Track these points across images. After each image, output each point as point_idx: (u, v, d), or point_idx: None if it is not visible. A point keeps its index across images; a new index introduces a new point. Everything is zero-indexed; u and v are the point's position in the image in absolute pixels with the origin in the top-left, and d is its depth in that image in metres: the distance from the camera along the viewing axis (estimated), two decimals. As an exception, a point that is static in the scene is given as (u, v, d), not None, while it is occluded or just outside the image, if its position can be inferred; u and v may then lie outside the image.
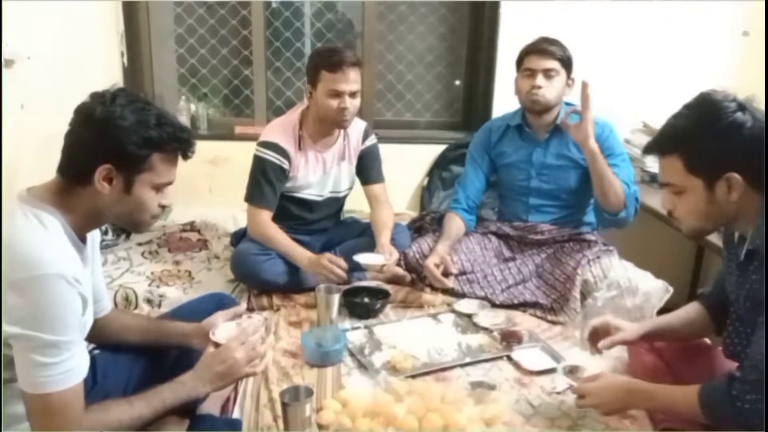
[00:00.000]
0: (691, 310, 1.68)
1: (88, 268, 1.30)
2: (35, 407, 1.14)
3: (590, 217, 2.41)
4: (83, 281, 1.18)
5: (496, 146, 2.43)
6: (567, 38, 2.30)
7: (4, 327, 1.11)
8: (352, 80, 2.16)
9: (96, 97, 1.23)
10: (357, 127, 2.41)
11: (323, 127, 2.28)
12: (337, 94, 2.16)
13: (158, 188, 1.27)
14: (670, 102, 1.43)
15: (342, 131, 2.35)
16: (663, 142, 1.35)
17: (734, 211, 1.31)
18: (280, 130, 2.28)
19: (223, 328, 1.56)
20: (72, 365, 1.14)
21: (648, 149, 1.39)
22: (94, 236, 1.41)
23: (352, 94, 2.18)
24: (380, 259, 2.18)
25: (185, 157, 1.30)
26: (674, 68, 3.06)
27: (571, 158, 2.31)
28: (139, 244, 2.66)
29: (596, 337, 1.67)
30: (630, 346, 1.78)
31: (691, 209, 1.34)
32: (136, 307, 2.21)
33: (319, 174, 2.35)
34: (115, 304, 2.20)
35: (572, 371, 1.69)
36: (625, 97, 2.99)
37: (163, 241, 2.71)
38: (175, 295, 2.24)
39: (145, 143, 1.21)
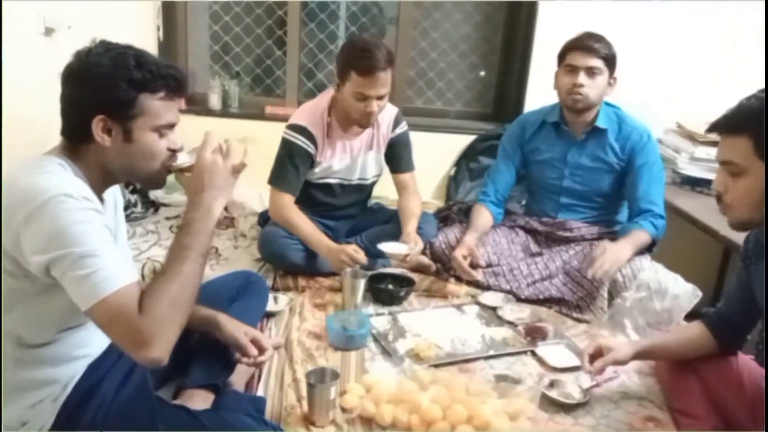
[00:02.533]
0: (691, 329, 1.65)
1: (112, 237, 1.28)
2: (99, 320, 1.10)
3: (622, 216, 2.38)
4: (98, 208, 1.16)
5: (530, 141, 2.40)
6: (605, 33, 2.26)
7: (38, 258, 1.09)
8: (381, 84, 2.09)
9: (75, 54, 1.21)
10: (387, 114, 2.37)
11: (350, 120, 2.25)
12: (365, 98, 2.11)
13: (160, 131, 1.22)
14: (705, 104, 1.40)
15: None
16: (736, 120, 1.31)
17: None
18: (309, 115, 2.26)
19: (185, 155, 1.32)
20: (113, 269, 1.09)
21: (716, 126, 1.34)
22: (117, 202, 1.40)
23: (380, 97, 2.13)
24: (404, 248, 2.17)
25: (177, 94, 1.24)
26: (711, 70, 3.00)
27: (606, 161, 2.28)
28: (167, 218, 2.69)
29: (592, 360, 1.65)
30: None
31: (745, 193, 1.30)
32: (163, 281, 2.22)
33: (347, 161, 2.33)
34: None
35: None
36: (661, 96, 2.94)
37: (190, 216, 2.72)
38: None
39: (129, 85, 1.17)
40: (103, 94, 1.17)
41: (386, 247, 2.16)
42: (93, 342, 1.33)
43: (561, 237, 2.35)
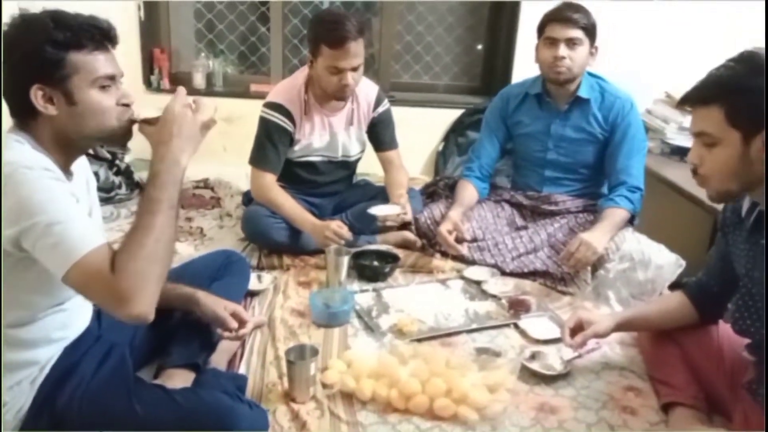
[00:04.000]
0: (671, 300, 1.66)
1: (79, 205, 1.24)
2: (76, 284, 1.10)
3: (606, 189, 2.38)
4: (60, 177, 1.16)
5: (513, 114, 2.38)
6: (592, 2, 2.23)
7: (7, 232, 1.08)
8: (353, 55, 2.06)
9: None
10: (368, 91, 2.35)
11: (326, 95, 2.22)
12: (338, 71, 2.08)
13: (101, 85, 1.19)
14: (695, 73, 1.38)
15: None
16: (706, 91, 1.29)
17: (760, 174, 1.27)
18: (285, 92, 2.24)
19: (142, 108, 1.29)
20: (81, 231, 1.09)
21: (686, 99, 1.33)
22: (90, 181, 1.39)
23: (354, 68, 2.10)
24: (396, 208, 2.16)
25: (105, 45, 1.20)
26: (700, 40, 2.96)
27: (590, 132, 2.26)
28: (153, 200, 2.67)
29: (573, 334, 1.65)
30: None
31: (721, 164, 1.29)
32: (147, 262, 2.22)
33: (326, 138, 2.31)
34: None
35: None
36: (649, 66, 2.91)
37: (176, 197, 2.71)
38: (187, 251, 2.26)
39: (54, 47, 1.15)
40: (30, 63, 1.15)
41: (378, 210, 2.16)
42: (72, 324, 1.34)
43: (546, 211, 2.35)
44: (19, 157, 1.12)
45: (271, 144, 2.21)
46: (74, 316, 1.34)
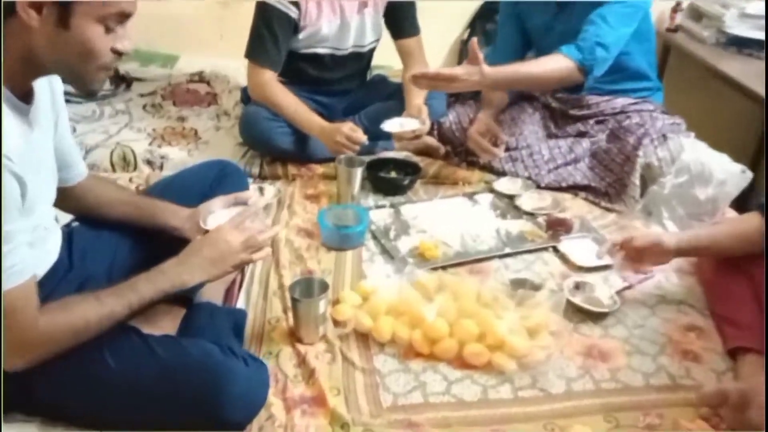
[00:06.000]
0: (745, 222, 1.41)
1: (38, 132, 1.02)
2: None
3: (653, 94, 2.03)
4: (21, 155, 0.91)
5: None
6: None
7: None
8: None
9: None
10: None
11: None
12: None
13: (107, 23, 0.93)
14: None
15: None
16: None
17: None
18: None
19: (218, 215, 1.30)
20: (15, 260, 0.90)
21: None
22: (56, 88, 1.12)
23: None
24: (413, 123, 1.86)
25: None
26: None
27: None
28: (141, 96, 2.37)
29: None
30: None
31: None
32: (135, 168, 1.97)
33: (336, 25, 1.96)
34: (111, 165, 1.96)
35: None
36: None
37: (168, 92, 2.41)
38: (179, 156, 1.99)
39: None
40: None
41: (391, 125, 1.86)
42: (41, 264, 1.11)
43: (581, 115, 2.02)
44: None
45: (270, 34, 1.87)
46: (43, 253, 1.13)
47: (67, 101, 1.20)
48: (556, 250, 1.65)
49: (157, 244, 1.31)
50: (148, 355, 1.03)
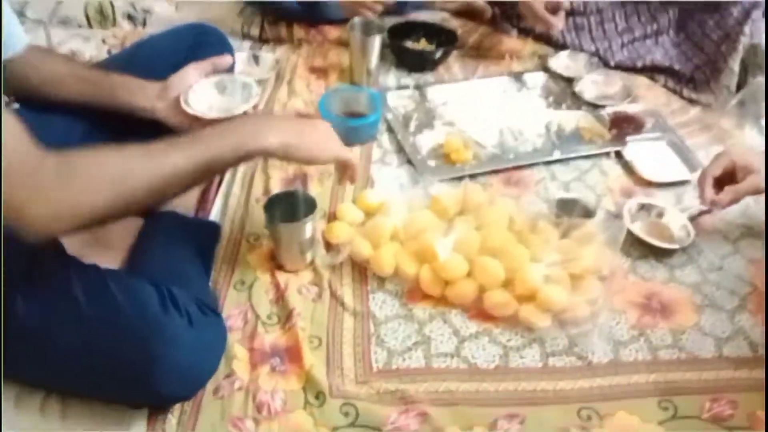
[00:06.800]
0: None
1: None
2: None
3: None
4: None
5: None
6: None
7: None
8: None
9: None
10: None
11: None
12: None
13: None
14: None
15: None
16: None
17: None
18: None
19: (201, 91, 1.04)
20: None
21: None
22: None
23: None
24: None
25: None
26: None
27: None
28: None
29: (719, 187, 1.06)
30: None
31: None
32: (114, 24, 1.65)
33: None
34: (87, 20, 1.64)
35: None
36: None
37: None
38: (165, 11, 1.65)
39: None
40: None
41: None
42: None
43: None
44: None
45: None
46: None
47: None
48: (619, 156, 1.30)
49: (120, 130, 1.02)
50: (67, 302, 0.79)
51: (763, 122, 1.36)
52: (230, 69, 1.19)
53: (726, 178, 1.07)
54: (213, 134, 0.83)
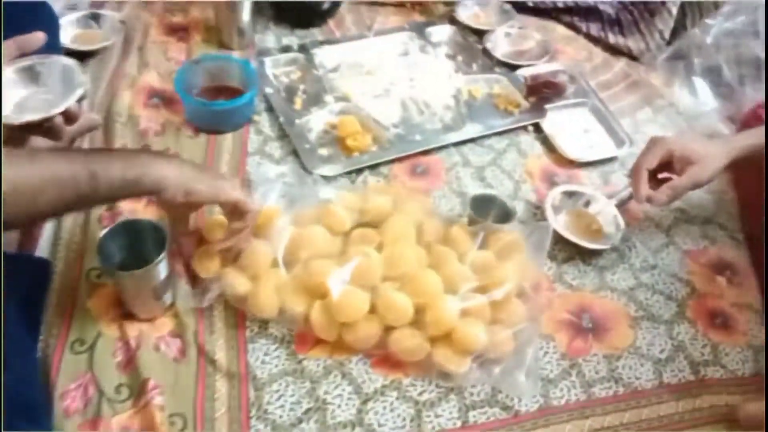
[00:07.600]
0: None
1: None
2: None
3: None
4: None
5: None
6: None
7: None
8: None
9: None
10: None
11: None
12: None
13: None
14: None
15: None
16: None
17: None
18: None
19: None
20: None
21: None
22: None
23: None
24: None
25: None
26: None
27: None
28: None
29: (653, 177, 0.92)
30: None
31: None
32: None
33: None
34: None
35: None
36: None
37: None
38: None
39: None
40: None
41: None
42: None
43: None
44: None
45: None
46: None
47: None
48: (538, 129, 1.13)
49: None
50: None
51: (695, 81, 1.21)
52: (49, 47, 0.89)
53: (661, 168, 0.92)
54: (109, 154, 0.73)
